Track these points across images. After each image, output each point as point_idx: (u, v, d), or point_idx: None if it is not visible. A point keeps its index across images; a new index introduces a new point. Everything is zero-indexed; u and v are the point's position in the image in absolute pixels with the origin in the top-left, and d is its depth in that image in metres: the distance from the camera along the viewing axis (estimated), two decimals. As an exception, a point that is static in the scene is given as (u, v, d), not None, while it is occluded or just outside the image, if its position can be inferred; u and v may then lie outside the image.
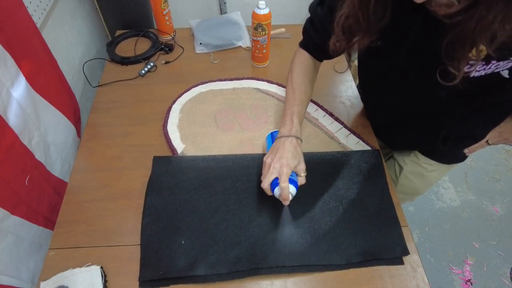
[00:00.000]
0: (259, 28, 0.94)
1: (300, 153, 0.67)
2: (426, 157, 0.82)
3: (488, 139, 0.75)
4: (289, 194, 0.63)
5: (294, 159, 0.65)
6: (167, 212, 0.70)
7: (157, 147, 0.83)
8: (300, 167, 0.66)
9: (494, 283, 1.39)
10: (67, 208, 0.72)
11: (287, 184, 0.62)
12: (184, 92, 0.96)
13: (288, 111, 0.71)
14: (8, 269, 0.65)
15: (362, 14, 0.51)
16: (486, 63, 0.49)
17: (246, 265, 0.63)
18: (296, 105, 0.71)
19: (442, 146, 0.74)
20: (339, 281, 0.63)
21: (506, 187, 1.70)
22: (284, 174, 0.62)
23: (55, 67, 0.85)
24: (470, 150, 0.78)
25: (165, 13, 1.08)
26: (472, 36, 0.41)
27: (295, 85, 0.74)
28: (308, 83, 0.76)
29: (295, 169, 0.66)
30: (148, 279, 0.62)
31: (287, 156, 0.64)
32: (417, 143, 0.83)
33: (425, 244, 1.50)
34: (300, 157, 0.67)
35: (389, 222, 0.70)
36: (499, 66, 0.49)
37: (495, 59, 0.48)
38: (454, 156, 0.81)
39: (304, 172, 0.67)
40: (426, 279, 0.63)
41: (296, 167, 0.66)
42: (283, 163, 0.63)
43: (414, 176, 0.88)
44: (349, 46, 0.59)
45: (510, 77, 0.50)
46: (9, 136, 0.66)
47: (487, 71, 0.50)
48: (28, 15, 0.74)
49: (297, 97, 0.73)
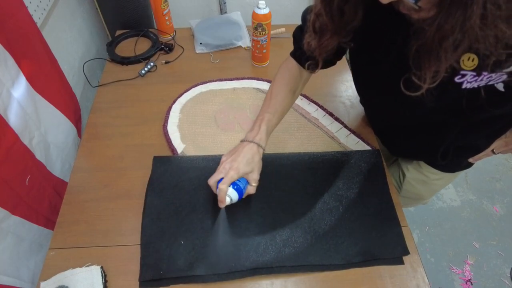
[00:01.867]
0: (259, 28, 0.94)
1: (257, 162, 0.65)
2: (428, 166, 0.80)
3: (494, 149, 0.72)
4: (227, 198, 0.63)
5: (247, 166, 0.63)
6: (167, 212, 0.70)
7: (157, 147, 0.83)
8: (252, 176, 0.65)
9: (494, 283, 1.39)
10: (67, 208, 0.72)
11: (225, 187, 0.61)
12: (184, 92, 0.96)
13: (259, 117, 0.69)
14: (8, 269, 0.66)
15: (326, 13, 0.50)
16: (477, 74, 0.47)
17: (246, 265, 0.63)
18: (268, 113, 0.69)
19: (441, 161, 0.72)
20: (339, 281, 0.63)
21: (506, 187, 1.70)
22: (229, 177, 0.61)
23: (55, 67, 0.85)
24: (475, 158, 0.75)
25: (165, 13, 1.08)
26: (432, 44, 0.39)
27: (273, 93, 0.72)
28: (288, 92, 0.72)
29: (247, 176, 0.65)
30: (148, 279, 0.62)
31: (240, 161, 0.63)
32: (414, 155, 0.81)
33: (425, 244, 1.50)
34: (255, 165, 0.65)
35: (389, 222, 0.70)
36: (492, 79, 0.47)
37: (486, 70, 0.46)
38: (457, 165, 0.79)
39: (256, 183, 0.66)
40: (426, 279, 0.63)
41: (248, 174, 0.64)
42: (233, 166, 0.62)
43: (417, 183, 0.86)
44: (319, 46, 0.57)
45: (505, 90, 0.48)
46: (10, 136, 0.66)
47: (480, 83, 0.48)
48: (29, 14, 0.74)
49: (272, 105, 0.70)
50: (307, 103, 0.94)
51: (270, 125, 0.69)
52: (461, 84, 0.49)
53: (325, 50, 0.58)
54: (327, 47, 0.56)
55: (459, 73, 0.47)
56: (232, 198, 0.64)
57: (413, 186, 0.88)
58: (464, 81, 0.48)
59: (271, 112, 0.69)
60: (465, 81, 0.48)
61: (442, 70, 0.42)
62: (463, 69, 0.47)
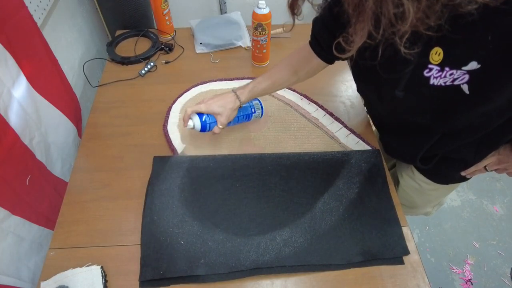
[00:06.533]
0: (259, 28, 0.94)
1: (228, 108, 0.73)
2: (420, 174, 0.79)
3: (487, 166, 0.70)
4: (190, 121, 0.74)
5: (218, 107, 0.73)
6: (167, 212, 0.70)
7: (157, 147, 0.83)
8: (220, 119, 0.73)
9: (494, 283, 1.39)
10: (67, 208, 0.72)
11: (190, 110, 0.73)
12: (184, 92, 0.96)
13: (254, 79, 0.76)
14: (9, 269, 0.66)
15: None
16: (441, 69, 0.48)
17: (246, 265, 0.63)
18: (261, 77, 0.76)
19: (421, 165, 0.72)
20: (339, 281, 0.63)
21: (506, 187, 1.70)
22: (197, 107, 0.73)
23: (56, 67, 0.85)
24: (466, 172, 0.73)
25: (165, 13, 1.08)
26: (349, 7, 0.42)
27: (276, 65, 0.78)
28: (288, 68, 0.76)
29: (216, 116, 0.74)
30: (148, 279, 0.62)
31: (215, 102, 0.73)
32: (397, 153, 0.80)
33: (426, 244, 1.50)
34: (225, 111, 0.73)
35: (389, 221, 0.70)
36: (455, 77, 0.48)
37: (448, 65, 0.47)
38: (449, 177, 0.77)
39: (222, 125, 0.74)
40: (426, 279, 0.63)
41: (217, 116, 0.74)
42: (207, 102, 0.73)
43: (411, 191, 0.86)
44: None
45: (470, 93, 0.48)
46: (10, 136, 0.66)
47: (445, 80, 0.49)
48: (29, 14, 0.74)
49: (268, 72, 0.76)
50: (307, 103, 0.94)
51: (258, 87, 0.75)
52: (428, 79, 0.51)
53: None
54: None
55: (427, 66, 0.49)
56: (195, 124, 0.74)
57: (407, 194, 0.88)
58: (431, 75, 0.50)
59: (264, 77, 0.76)
60: (431, 76, 0.50)
61: (363, 32, 0.43)
62: (431, 63, 0.49)
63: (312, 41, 0.74)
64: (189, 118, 0.73)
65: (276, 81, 0.76)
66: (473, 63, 0.45)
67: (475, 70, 0.46)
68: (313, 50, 0.74)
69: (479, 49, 0.44)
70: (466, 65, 0.46)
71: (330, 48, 0.68)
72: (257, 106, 0.83)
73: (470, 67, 0.46)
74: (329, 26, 0.66)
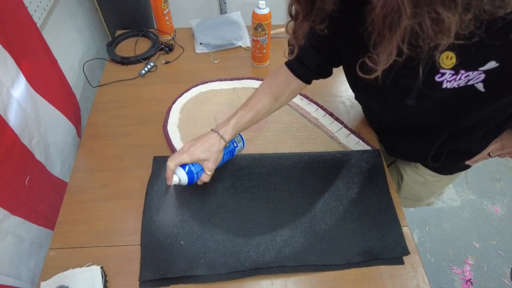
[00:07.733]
0: (259, 28, 0.94)
1: (214, 152, 0.65)
2: (425, 168, 0.80)
3: (490, 152, 0.72)
4: (175, 177, 0.64)
5: (203, 153, 0.65)
6: (167, 212, 0.70)
7: (157, 147, 0.83)
8: (207, 164, 0.66)
9: (494, 283, 1.39)
10: (67, 208, 0.72)
11: (172, 165, 0.63)
12: (184, 92, 0.96)
13: (234, 112, 0.70)
14: (9, 269, 0.66)
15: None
16: (455, 72, 0.47)
17: (246, 265, 0.63)
18: (242, 110, 0.69)
19: (432, 164, 0.72)
20: (339, 281, 0.63)
21: (506, 187, 1.70)
22: (179, 158, 0.63)
23: (55, 67, 0.85)
24: (471, 161, 0.74)
25: (165, 13, 1.08)
26: (379, 22, 0.38)
27: (256, 93, 0.71)
28: (269, 95, 0.70)
29: (202, 164, 0.66)
30: (148, 279, 0.62)
31: (198, 146, 0.64)
32: (406, 155, 0.81)
33: (426, 244, 1.50)
34: (211, 155, 0.65)
35: (389, 221, 0.70)
36: (470, 78, 0.46)
37: (463, 68, 0.46)
38: (454, 167, 0.79)
39: (211, 172, 0.66)
40: (426, 279, 0.63)
41: (203, 162, 0.66)
42: (189, 149, 0.64)
43: (416, 185, 0.86)
44: (294, 31, 0.55)
45: (485, 90, 0.47)
46: (9, 136, 0.66)
47: (459, 83, 0.48)
48: (29, 15, 0.74)
49: (249, 103, 0.70)
50: (307, 103, 0.94)
51: (241, 121, 0.69)
52: (441, 84, 0.49)
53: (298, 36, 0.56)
54: (299, 31, 0.54)
55: (439, 71, 0.47)
56: (180, 178, 0.65)
57: (412, 188, 0.88)
58: (444, 80, 0.48)
59: (246, 109, 0.69)
60: (444, 80, 0.48)
61: (392, 49, 0.40)
62: (443, 68, 0.47)
63: (293, 63, 0.70)
64: (173, 173, 0.64)
65: (259, 111, 0.70)
66: (491, 62, 0.44)
67: (493, 68, 0.44)
68: (294, 73, 0.71)
69: (499, 48, 0.42)
70: (483, 65, 0.44)
71: (319, 67, 0.67)
72: (237, 139, 0.76)
73: (488, 67, 0.44)
74: (315, 45, 0.64)
